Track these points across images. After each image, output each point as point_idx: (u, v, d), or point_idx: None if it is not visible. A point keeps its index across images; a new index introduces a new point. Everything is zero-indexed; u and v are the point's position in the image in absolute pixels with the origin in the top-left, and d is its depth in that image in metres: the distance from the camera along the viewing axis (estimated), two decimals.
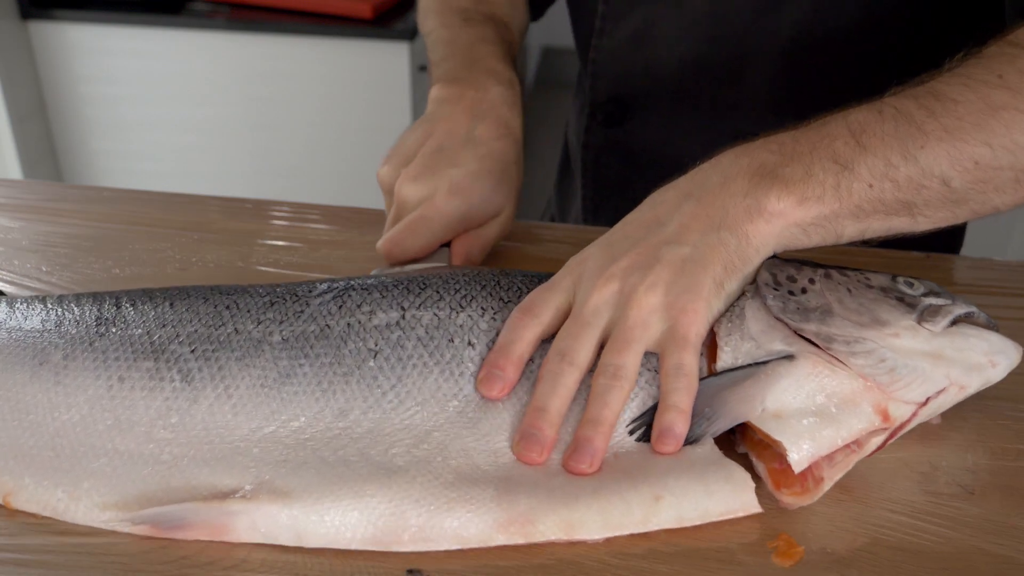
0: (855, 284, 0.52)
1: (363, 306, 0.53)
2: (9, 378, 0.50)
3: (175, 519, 0.45)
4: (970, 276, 0.68)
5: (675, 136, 0.83)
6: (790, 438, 0.46)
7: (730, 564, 0.44)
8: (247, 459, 0.47)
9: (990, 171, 0.50)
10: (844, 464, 0.48)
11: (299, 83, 2.01)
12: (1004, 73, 0.51)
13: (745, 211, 0.50)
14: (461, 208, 0.63)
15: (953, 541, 0.46)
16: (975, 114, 0.50)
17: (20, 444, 0.48)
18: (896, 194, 0.50)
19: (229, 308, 0.53)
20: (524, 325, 0.51)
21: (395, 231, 0.63)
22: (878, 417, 0.48)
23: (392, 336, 0.51)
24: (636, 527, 0.45)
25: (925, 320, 0.50)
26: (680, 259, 0.50)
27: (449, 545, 0.44)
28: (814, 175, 0.50)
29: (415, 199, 0.64)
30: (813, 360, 0.48)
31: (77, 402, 0.49)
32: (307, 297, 0.54)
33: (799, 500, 0.47)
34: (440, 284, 0.54)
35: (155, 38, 1.96)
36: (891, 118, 0.51)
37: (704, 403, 0.48)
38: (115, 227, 0.73)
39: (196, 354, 0.51)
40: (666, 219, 0.52)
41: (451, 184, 0.63)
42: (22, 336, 0.53)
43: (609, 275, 0.51)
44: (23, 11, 1.95)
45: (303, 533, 0.44)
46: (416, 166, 0.65)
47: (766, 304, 0.50)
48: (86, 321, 0.53)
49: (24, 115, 2.00)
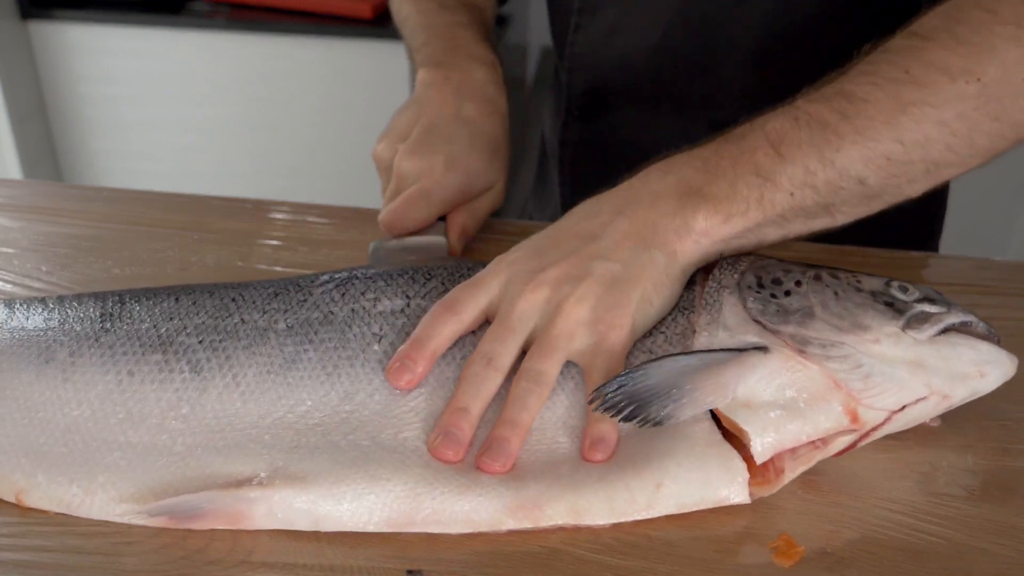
0: (844, 287, 0.52)
1: (367, 294, 0.54)
2: (14, 378, 0.51)
3: (192, 508, 0.45)
4: (970, 276, 0.68)
5: (651, 128, 0.84)
6: (756, 428, 0.47)
7: (730, 564, 0.44)
8: (259, 446, 0.47)
9: (903, 166, 0.52)
10: (807, 459, 0.48)
11: (299, 83, 2.01)
12: (910, 68, 0.52)
13: (675, 231, 0.52)
14: (459, 181, 0.65)
15: (953, 541, 0.46)
16: (885, 113, 0.51)
17: (31, 442, 0.48)
18: (816, 198, 0.52)
19: (235, 300, 0.54)
20: (444, 322, 0.51)
21: (396, 204, 0.64)
22: (847, 418, 0.48)
23: (397, 323, 0.52)
24: (640, 514, 0.46)
25: (911, 327, 0.49)
26: (611, 275, 0.51)
27: (460, 529, 0.45)
28: (738, 191, 0.52)
29: (414, 173, 0.66)
30: (787, 354, 0.49)
31: (88, 398, 0.50)
32: (310, 287, 0.55)
33: (758, 491, 0.47)
34: (446, 275, 0.55)
35: (155, 38, 1.96)
36: (806, 124, 0.52)
37: (671, 382, 0.47)
38: (115, 227, 0.73)
39: (204, 344, 0.51)
40: (599, 233, 0.53)
41: (448, 158, 0.65)
42: (25, 336, 0.53)
43: (539, 282, 0.51)
44: (23, 11, 1.95)
45: (320, 518, 0.45)
46: (413, 142, 0.67)
47: (746, 306, 0.51)
48: (90, 318, 0.53)
49: (24, 115, 2.00)
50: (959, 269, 0.69)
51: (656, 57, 0.80)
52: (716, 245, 0.53)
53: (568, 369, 0.50)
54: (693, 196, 0.52)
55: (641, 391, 0.47)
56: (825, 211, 0.53)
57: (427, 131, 0.67)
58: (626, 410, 0.46)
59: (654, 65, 0.81)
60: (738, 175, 0.52)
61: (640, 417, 0.47)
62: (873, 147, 0.51)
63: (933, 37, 0.53)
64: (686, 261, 0.53)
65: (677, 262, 0.52)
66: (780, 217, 0.52)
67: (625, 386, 0.47)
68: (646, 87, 0.83)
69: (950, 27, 0.53)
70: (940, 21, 0.54)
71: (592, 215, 0.54)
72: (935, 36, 0.53)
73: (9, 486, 0.47)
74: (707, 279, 0.53)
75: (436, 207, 0.65)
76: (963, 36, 0.52)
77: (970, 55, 0.51)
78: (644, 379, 0.47)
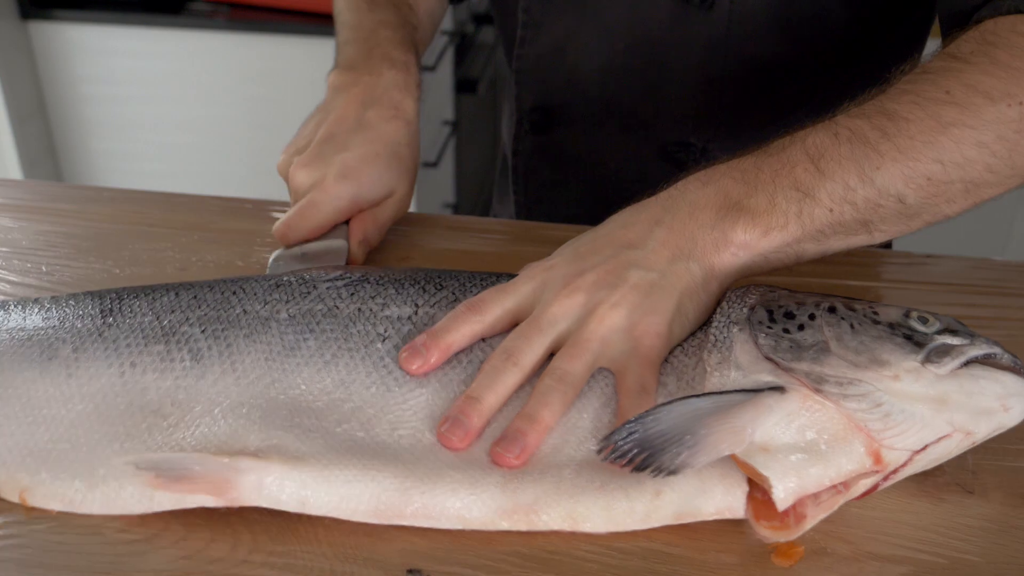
0: (860, 319, 0.49)
1: (376, 298, 0.54)
2: (17, 377, 0.51)
3: (181, 467, 0.45)
4: (970, 276, 0.68)
5: (600, 144, 0.85)
6: (776, 474, 0.44)
7: (730, 564, 0.44)
8: (252, 423, 0.47)
9: (942, 185, 0.52)
10: (829, 504, 0.45)
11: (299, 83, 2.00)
12: (951, 89, 0.52)
13: (713, 243, 0.52)
14: (349, 191, 0.66)
15: (953, 542, 0.46)
16: (926, 132, 0.51)
17: (35, 440, 0.48)
18: (855, 215, 0.52)
19: (236, 293, 0.55)
20: (465, 320, 0.51)
21: (287, 216, 0.66)
22: (870, 459, 0.45)
23: (403, 329, 0.52)
24: (638, 524, 0.45)
25: (931, 361, 0.46)
26: (648, 283, 0.51)
27: (451, 525, 0.45)
28: (777, 205, 0.51)
29: (306, 185, 0.67)
30: (804, 393, 0.46)
31: (91, 392, 0.50)
32: (315, 281, 0.55)
33: (777, 535, 0.45)
34: (456, 286, 0.55)
35: (155, 38, 1.96)
36: (846, 140, 0.52)
37: (683, 427, 0.44)
38: (115, 227, 0.73)
39: (206, 333, 0.52)
40: (637, 242, 0.53)
41: (340, 169, 0.66)
42: (25, 336, 0.53)
43: (575, 287, 0.51)
44: (23, 11, 1.95)
45: (307, 499, 0.45)
46: (307, 154, 0.68)
47: (757, 343, 0.48)
48: (91, 315, 0.54)
49: (24, 115, 2.00)
50: (959, 269, 0.69)
51: (603, 76, 0.81)
52: (754, 259, 0.52)
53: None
54: (732, 208, 0.52)
55: (653, 437, 0.44)
56: (863, 228, 0.53)
57: (324, 141, 0.68)
58: (638, 459, 0.44)
59: (600, 84, 0.82)
60: (777, 188, 0.52)
61: (653, 466, 0.44)
62: (913, 166, 0.51)
63: (972, 60, 0.53)
64: (723, 274, 0.52)
65: (714, 274, 0.52)
66: (819, 232, 0.52)
67: (636, 433, 0.44)
68: (593, 105, 0.83)
69: (988, 51, 0.54)
70: (976, 46, 0.54)
71: (630, 224, 0.54)
72: (974, 59, 0.54)
73: (14, 486, 0.47)
74: (716, 314, 0.51)
75: (327, 218, 0.65)
76: (1002, 60, 0.53)
77: (1010, 78, 0.52)
78: (655, 424, 0.44)
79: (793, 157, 0.53)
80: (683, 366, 0.51)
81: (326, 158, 0.67)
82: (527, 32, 0.82)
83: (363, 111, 0.69)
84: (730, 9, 0.74)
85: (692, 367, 0.50)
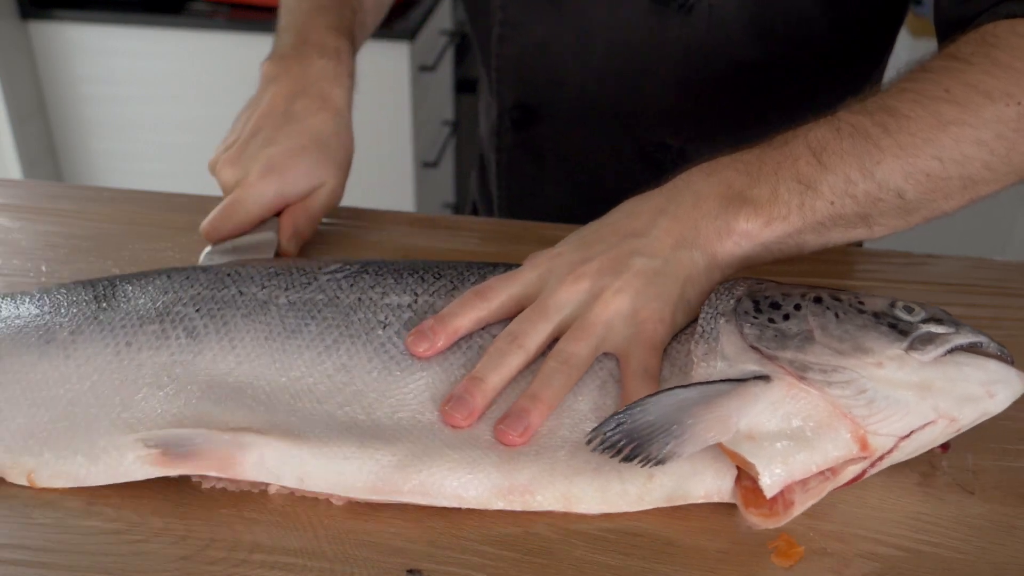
0: (846, 309, 0.49)
1: (376, 287, 0.55)
2: (16, 362, 0.52)
3: (187, 443, 0.46)
4: (970, 276, 0.68)
5: (581, 141, 0.86)
6: (763, 461, 0.44)
7: (730, 564, 0.44)
8: (254, 402, 0.49)
9: (940, 182, 0.53)
10: (817, 491, 0.46)
11: None
12: (951, 88, 0.53)
13: (716, 232, 0.53)
14: (273, 187, 0.66)
15: (953, 542, 0.46)
16: (927, 130, 0.52)
17: (36, 422, 0.49)
18: (855, 208, 0.53)
19: (230, 275, 0.55)
20: (472, 306, 0.52)
21: (212, 214, 0.66)
22: (856, 445, 0.46)
23: (403, 316, 0.53)
24: (631, 506, 0.46)
25: (915, 348, 0.47)
26: (652, 271, 0.52)
27: (447, 503, 0.46)
28: (780, 196, 0.52)
29: (232, 182, 0.67)
30: (789, 381, 0.46)
31: (88, 371, 0.51)
32: (315, 272, 0.56)
33: (766, 522, 0.45)
34: (454, 275, 0.56)
35: (155, 38, 1.96)
36: (848, 135, 0.53)
37: (670, 418, 0.45)
38: (115, 227, 0.73)
39: (201, 312, 0.53)
40: (642, 231, 0.53)
41: (264, 164, 0.66)
42: (22, 324, 0.54)
43: (580, 274, 0.52)
44: (23, 11, 1.95)
45: (306, 475, 0.46)
46: (233, 151, 0.68)
47: (742, 333, 0.49)
48: (86, 299, 0.55)
49: (24, 115, 2.00)
50: (959, 269, 0.69)
51: (583, 76, 0.82)
52: (756, 248, 0.53)
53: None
54: (735, 199, 0.53)
55: (640, 428, 0.45)
56: (863, 221, 0.54)
57: (251, 136, 0.68)
58: (626, 449, 0.45)
59: (581, 83, 0.82)
60: (780, 180, 0.53)
61: (641, 456, 0.45)
62: (913, 162, 0.52)
63: (972, 61, 0.54)
64: (725, 263, 0.53)
65: (716, 263, 0.53)
66: (820, 224, 0.53)
67: (623, 424, 0.45)
68: (574, 103, 0.84)
69: (988, 52, 0.55)
70: (977, 47, 0.55)
71: (635, 214, 0.55)
72: (974, 60, 0.54)
73: (20, 469, 0.48)
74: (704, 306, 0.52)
75: (251, 215, 0.66)
76: (1002, 61, 0.54)
77: (1009, 79, 0.53)
78: (643, 415, 0.45)
79: (796, 150, 0.53)
80: (677, 355, 0.51)
81: (251, 154, 0.67)
82: (505, 30, 0.82)
83: (290, 103, 0.69)
84: (709, 13, 0.75)
85: (685, 356, 0.51)
